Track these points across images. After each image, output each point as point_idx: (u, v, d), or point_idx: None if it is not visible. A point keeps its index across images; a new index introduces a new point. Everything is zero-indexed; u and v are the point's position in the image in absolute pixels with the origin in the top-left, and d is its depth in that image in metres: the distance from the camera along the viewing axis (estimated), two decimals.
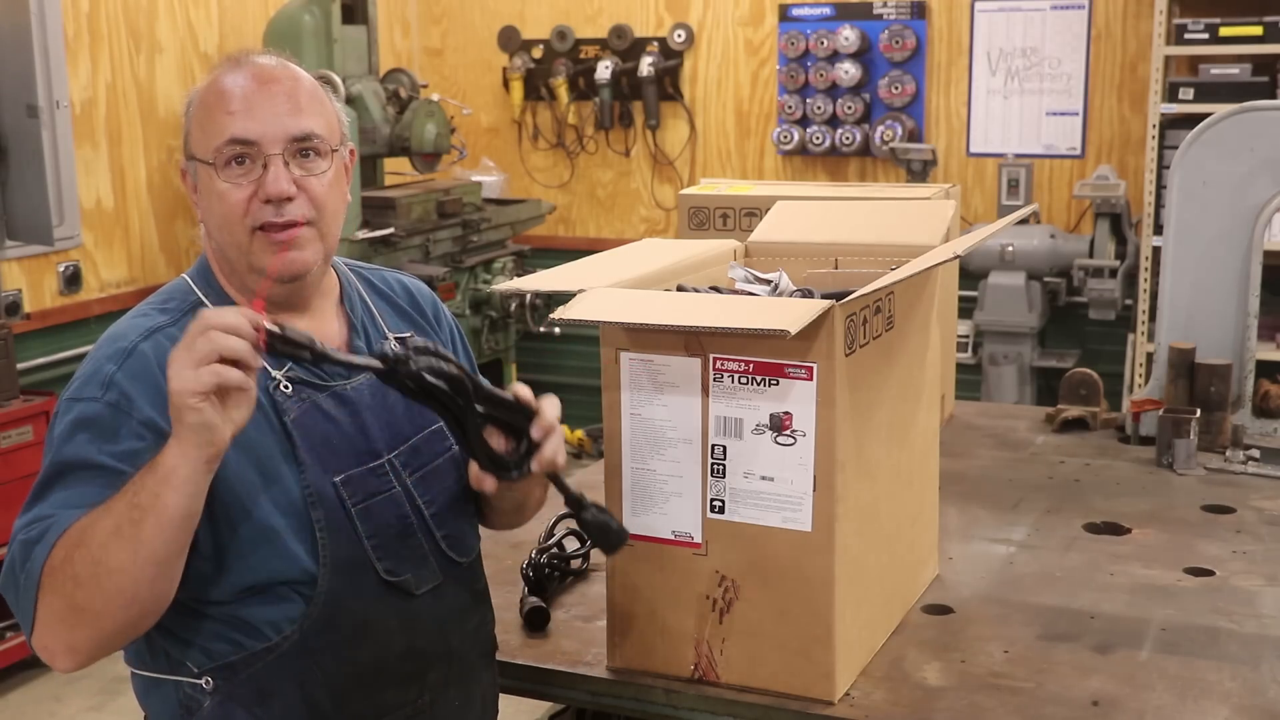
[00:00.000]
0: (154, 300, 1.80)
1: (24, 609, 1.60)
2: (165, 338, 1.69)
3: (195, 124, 1.75)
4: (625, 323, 1.81)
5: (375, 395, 1.80)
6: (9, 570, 1.62)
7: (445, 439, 1.84)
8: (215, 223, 1.75)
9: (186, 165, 1.78)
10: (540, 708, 2.44)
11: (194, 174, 1.76)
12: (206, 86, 1.76)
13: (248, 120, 1.71)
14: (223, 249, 1.77)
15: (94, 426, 1.65)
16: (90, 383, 1.68)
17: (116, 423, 1.64)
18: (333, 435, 1.74)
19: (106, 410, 1.65)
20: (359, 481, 1.75)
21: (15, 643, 4.31)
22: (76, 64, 4.93)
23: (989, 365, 5.62)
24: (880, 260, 2.13)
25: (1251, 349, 3.01)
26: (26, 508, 1.64)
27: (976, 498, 2.66)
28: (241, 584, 1.68)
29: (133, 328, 1.73)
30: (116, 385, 1.66)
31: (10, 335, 4.36)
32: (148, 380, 1.66)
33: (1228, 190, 2.96)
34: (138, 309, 1.79)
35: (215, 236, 1.77)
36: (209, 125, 1.72)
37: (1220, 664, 1.96)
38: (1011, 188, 5.68)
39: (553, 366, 6.69)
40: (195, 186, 1.77)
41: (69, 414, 1.67)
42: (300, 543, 1.68)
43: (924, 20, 5.91)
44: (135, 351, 1.68)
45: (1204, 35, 5.09)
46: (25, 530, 1.61)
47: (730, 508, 1.83)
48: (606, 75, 6.35)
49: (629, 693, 1.92)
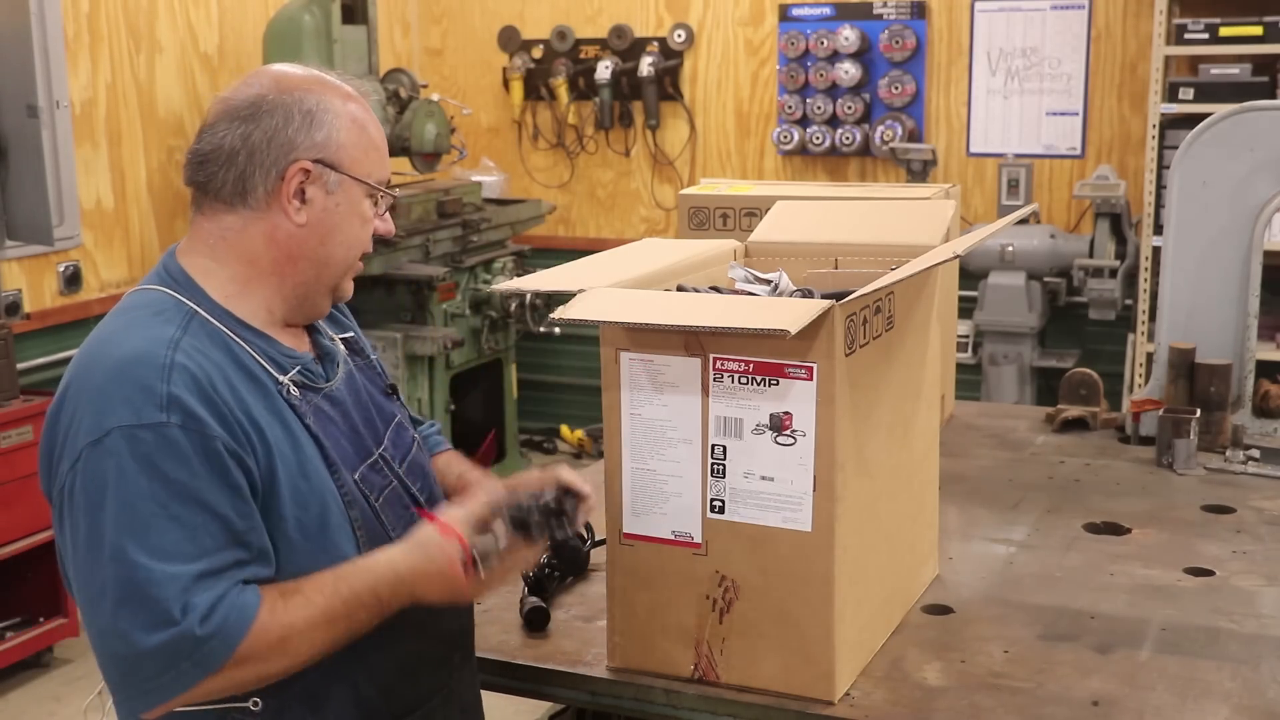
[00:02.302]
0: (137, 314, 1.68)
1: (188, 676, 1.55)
2: (191, 350, 1.62)
3: (353, 143, 1.73)
4: (625, 323, 1.81)
5: (353, 394, 1.82)
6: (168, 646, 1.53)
7: (405, 429, 1.89)
8: (343, 240, 1.75)
9: (315, 168, 1.70)
10: (540, 708, 2.44)
11: (329, 183, 1.71)
12: (362, 110, 1.77)
13: None
14: (328, 263, 1.74)
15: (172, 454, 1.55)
16: (142, 407, 1.56)
17: (196, 444, 1.57)
18: (339, 435, 1.75)
19: (180, 434, 1.56)
20: (369, 478, 1.77)
21: (15, 643, 4.32)
22: (76, 64, 4.93)
23: (989, 365, 5.62)
24: (880, 260, 2.13)
25: (1251, 349, 3.01)
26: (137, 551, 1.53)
27: (976, 498, 2.66)
28: None
29: (149, 340, 1.62)
30: (179, 404, 1.57)
31: (10, 335, 4.36)
32: (201, 396, 1.59)
33: (1228, 190, 2.96)
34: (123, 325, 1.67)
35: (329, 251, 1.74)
36: (374, 155, 1.76)
37: (1220, 664, 1.96)
38: (1011, 188, 5.68)
39: (553, 366, 6.70)
40: (312, 195, 1.71)
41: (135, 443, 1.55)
42: (348, 544, 1.69)
43: (924, 20, 5.91)
44: (176, 365, 1.59)
45: (1204, 35, 5.09)
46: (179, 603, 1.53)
47: (730, 508, 1.83)
48: (606, 75, 6.35)
49: (629, 693, 1.92)
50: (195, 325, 1.66)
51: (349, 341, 1.89)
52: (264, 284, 1.73)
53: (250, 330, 1.71)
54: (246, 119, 1.69)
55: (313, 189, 1.71)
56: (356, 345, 1.91)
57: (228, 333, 1.68)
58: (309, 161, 1.70)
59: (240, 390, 1.64)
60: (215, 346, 1.66)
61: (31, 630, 4.39)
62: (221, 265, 1.73)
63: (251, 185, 1.70)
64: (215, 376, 1.62)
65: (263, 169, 1.69)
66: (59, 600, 4.47)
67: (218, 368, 1.63)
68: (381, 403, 1.87)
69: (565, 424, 6.70)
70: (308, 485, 1.67)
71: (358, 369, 1.87)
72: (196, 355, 1.62)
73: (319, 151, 1.70)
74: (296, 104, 1.70)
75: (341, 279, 1.78)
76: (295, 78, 1.73)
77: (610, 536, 1.91)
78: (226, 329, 1.68)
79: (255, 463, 1.62)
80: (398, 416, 1.88)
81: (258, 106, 1.69)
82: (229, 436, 1.59)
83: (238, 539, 1.59)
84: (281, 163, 1.69)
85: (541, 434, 6.77)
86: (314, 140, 1.70)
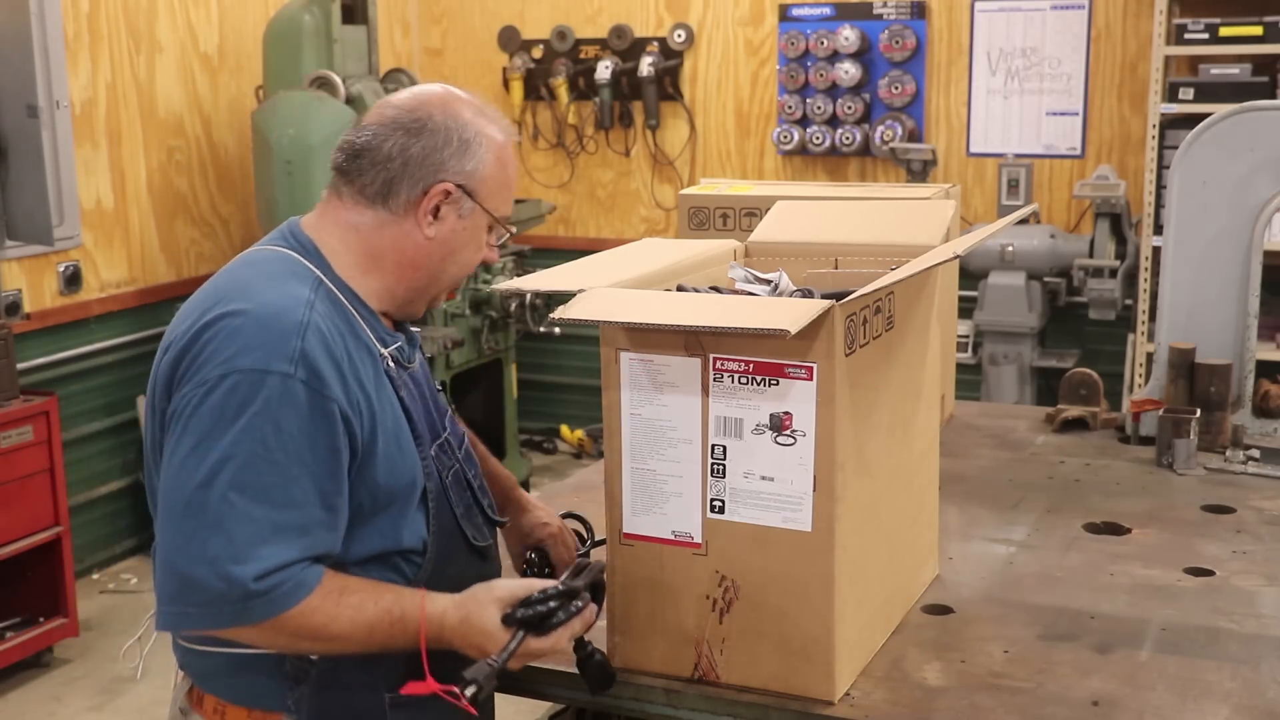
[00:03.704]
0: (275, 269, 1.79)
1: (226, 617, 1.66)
2: (321, 313, 1.74)
3: (492, 178, 1.85)
4: (625, 323, 1.81)
5: (426, 379, 1.98)
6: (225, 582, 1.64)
7: (458, 424, 2.04)
8: (461, 261, 1.88)
9: (456, 192, 1.82)
10: (540, 708, 2.43)
11: (463, 209, 1.84)
12: (506, 149, 1.88)
13: None
14: (441, 278, 1.88)
15: (291, 405, 1.66)
16: (275, 355, 1.67)
17: (313, 402, 1.68)
18: (419, 412, 1.87)
19: (302, 389, 1.67)
20: (440, 457, 1.90)
21: (15, 643, 4.32)
22: (76, 64, 4.93)
23: (989, 365, 5.62)
24: (880, 260, 2.13)
25: (1251, 349, 3.01)
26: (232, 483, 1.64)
27: (976, 498, 2.66)
28: (367, 552, 1.78)
29: (289, 297, 1.73)
30: (309, 361, 1.68)
31: (10, 335, 4.36)
32: (328, 358, 1.71)
33: (1228, 190, 2.96)
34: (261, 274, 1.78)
35: (445, 267, 1.87)
36: (505, 193, 1.89)
37: (1220, 664, 1.96)
38: (1011, 188, 5.68)
39: (553, 366, 6.70)
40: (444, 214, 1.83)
41: (259, 386, 1.66)
42: (421, 513, 1.83)
43: (924, 20, 5.91)
44: (311, 325, 1.71)
45: (1204, 35, 5.09)
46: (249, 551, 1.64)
47: (730, 508, 1.83)
48: (606, 75, 6.35)
49: (629, 693, 1.92)
50: (323, 291, 1.78)
51: (411, 338, 2.01)
52: (381, 278, 1.85)
53: (364, 305, 1.83)
54: (410, 131, 1.82)
55: (447, 209, 1.84)
56: (416, 340, 2.03)
57: (346, 303, 1.80)
58: (452, 185, 1.83)
59: (355, 358, 1.76)
60: (338, 313, 1.78)
61: (31, 630, 4.39)
62: (348, 251, 1.84)
63: (396, 191, 1.82)
64: (339, 341, 1.75)
65: (410, 180, 1.81)
66: (59, 600, 4.48)
67: (340, 334, 1.76)
68: (438, 396, 2.01)
69: (565, 424, 6.71)
70: (400, 454, 1.80)
71: (423, 363, 2.02)
72: (324, 319, 1.74)
73: (464, 178, 1.83)
74: (458, 130, 1.83)
75: (444, 292, 1.93)
76: (463, 103, 1.87)
77: (610, 536, 1.91)
78: (345, 300, 1.81)
79: (361, 427, 1.73)
80: (450, 409, 2.03)
81: (423, 123, 1.82)
82: (345, 400, 1.71)
83: (325, 501, 1.70)
84: (429, 179, 1.82)
85: (541, 434, 6.77)
86: (463, 167, 1.83)
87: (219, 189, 5.66)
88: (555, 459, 6.67)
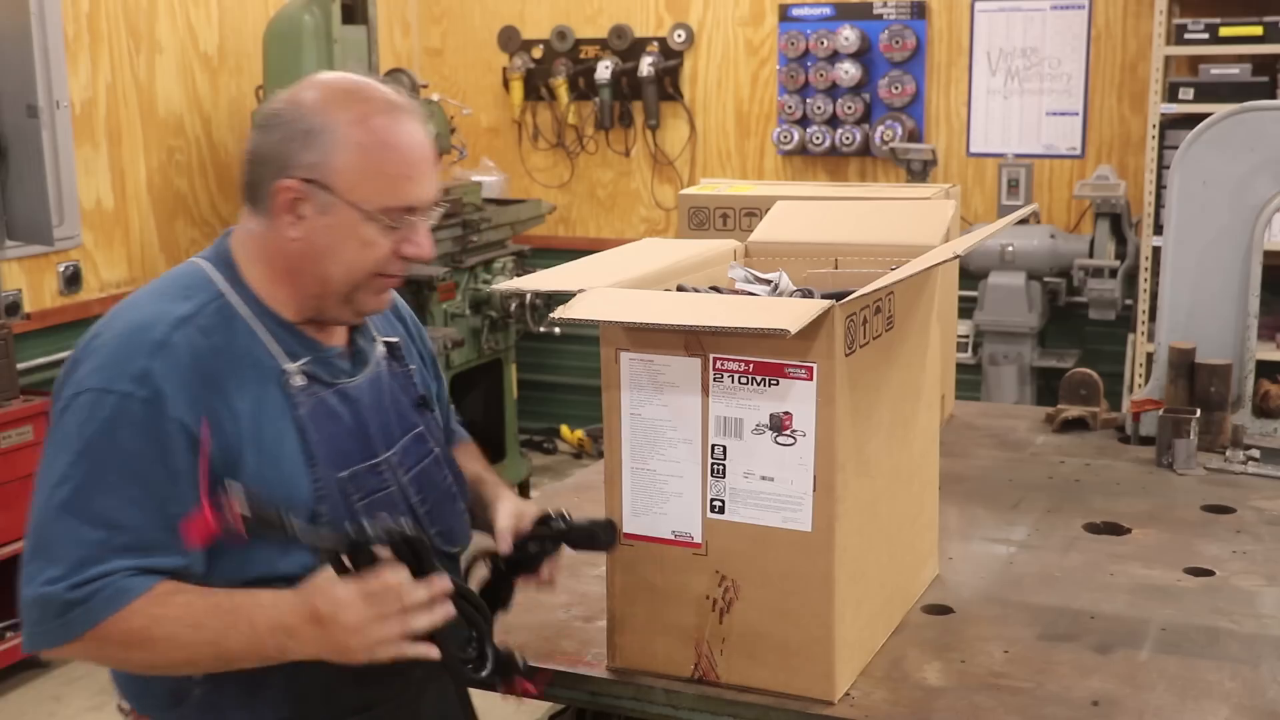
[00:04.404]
0: (171, 286, 1.77)
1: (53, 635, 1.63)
2: (196, 330, 1.69)
3: (350, 166, 1.70)
4: (625, 322, 1.81)
5: (373, 395, 1.85)
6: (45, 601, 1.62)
7: (426, 442, 1.92)
8: (339, 260, 1.74)
9: (303, 188, 1.71)
10: (540, 708, 2.43)
11: (320, 205, 1.72)
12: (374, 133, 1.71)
13: (421, 189, 1.76)
14: (327, 280, 1.75)
15: (129, 424, 1.63)
16: (120, 374, 1.65)
17: (152, 422, 1.64)
18: (338, 432, 1.78)
19: (141, 407, 1.64)
20: (362, 479, 1.79)
21: (15, 643, 4.31)
22: (76, 64, 4.93)
23: (989, 365, 5.62)
24: (880, 260, 2.13)
25: (1251, 349, 3.01)
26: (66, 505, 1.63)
27: (976, 498, 2.66)
28: (243, 576, 1.69)
29: (159, 315, 1.70)
30: (151, 380, 1.65)
31: (10, 335, 4.36)
32: (180, 377, 1.66)
33: (1228, 190, 2.96)
34: (154, 291, 1.77)
35: (325, 268, 1.74)
36: (380, 182, 1.71)
37: (1220, 664, 1.96)
38: (1011, 188, 5.68)
39: (553, 366, 6.70)
40: (304, 212, 1.72)
41: (99, 406, 1.64)
42: None
43: (924, 20, 5.91)
44: (168, 344, 1.67)
45: (1204, 35, 5.09)
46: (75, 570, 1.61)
47: (730, 508, 1.83)
48: (606, 75, 6.35)
49: (629, 693, 1.92)
50: (214, 307, 1.73)
51: (392, 347, 1.93)
52: (282, 285, 1.78)
53: (273, 319, 1.77)
54: (262, 127, 1.76)
55: (307, 207, 1.72)
56: (399, 352, 1.94)
57: (248, 317, 1.74)
58: (298, 181, 1.71)
59: (230, 374, 1.70)
60: (226, 329, 1.72)
61: None
62: (251, 261, 1.80)
63: (258, 194, 1.76)
64: (207, 358, 1.68)
65: (265, 180, 1.74)
66: None
67: (215, 350, 1.70)
68: (407, 412, 1.91)
69: (565, 424, 6.70)
70: (279, 476, 1.70)
71: (392, 374, 1.92)
72: (198, 336, 1.69)
73: (310, 172, 1.71)
74: (300, 121, 1.72)
75: (353, 294, 1.78)
76: (315, 93, 1.74)
77: None
78: (250, 313, 1.75)
79: (220, 446, 1.66)
80: (420, 428, 1.92)
81: (270, 118, 1.75)
82: (192, 418, 1.65)
83: (168, 522, 1.63)
84: (274, 177, 1.73)
85: (541, 434, 6.77)
86: (306, 160, 1.71)
87: (219, 189, 5.66)
88: (555, 459, 6.66)
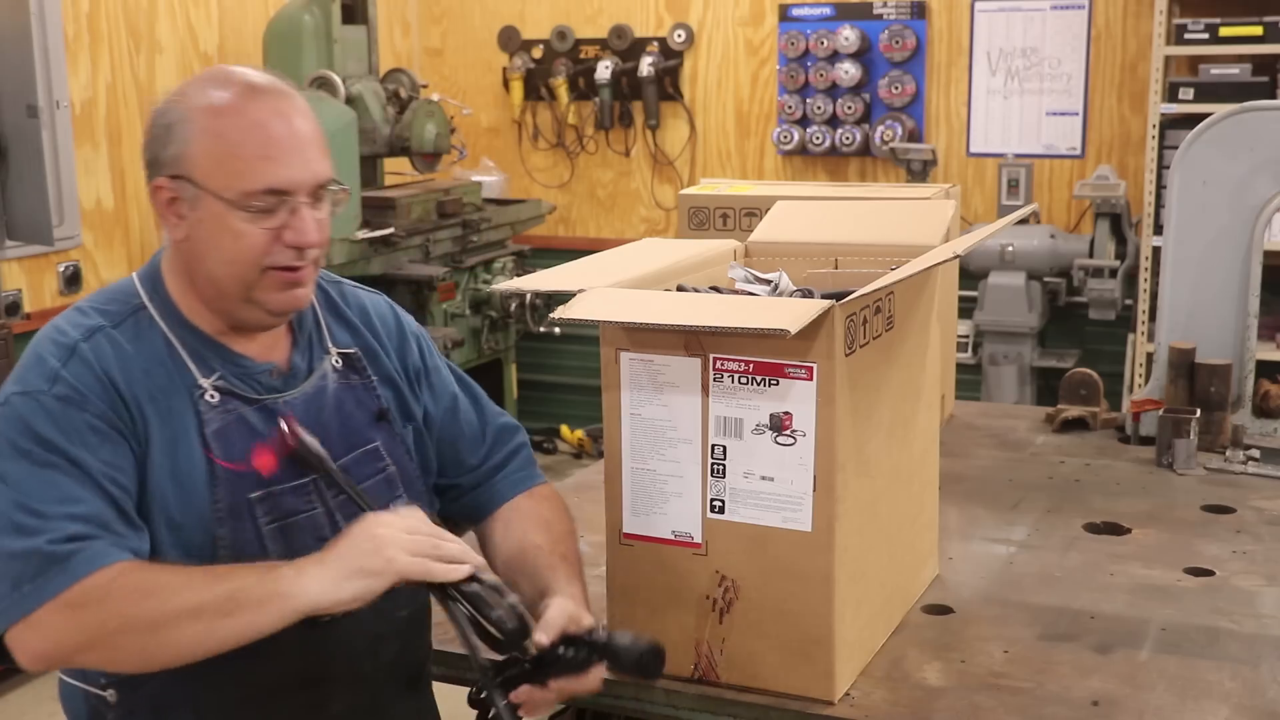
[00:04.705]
0: (97, 299, 1.76)
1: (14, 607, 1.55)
2: (105, 339, 1.68)
3: (205, 154, 1.65)
4: (625, 322, 1.81)
5: (310, 411, 1.78)
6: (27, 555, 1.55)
7: (380, 459, 1.83)
8: (218, 257, 1.68)
9: (172, 185, 1.67)
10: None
11: (190, 200, 1.67)
12: (226, 115, 1.65)
13: (286, 169, 1.66)
14: (215, 280, 1.70)
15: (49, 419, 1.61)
16: (36, 376, 1.65)
17: (71, 413, 1.62)
18: (262, 450, 1.71)
19: (58, 404, 1.62)
20: (277, 500, 1.71)
21: None
22: (76, 64, 4.93)
23: (989, 365, 5.62)
24: (880, 260, 2.13)
25: (1251, 349, 3.01)
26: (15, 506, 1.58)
27: (976, 498, 2.66)
28: None
29: (74, 325, 1.70)
30: (64, 380, 1.64)
31: (10, 335, 4.36)
32: (90, 380, 1.65)
33: (1228, 190, 2.96)
34: (79, 304, 1.75)
35: (209, 268, 1.70)
36: (236, 165, 1.64)
37: (1220, 664, 1.96)
38: (1011, 188, 5.68)
39: (553, 366, 6.70)
40: (182, 211, 1.68)
41: (22, 408, 1.63)
42: (204, 560, 1.63)
43: (924, 20, 5.91)
44: (77, 350, 1.66)
45: (1204, 35, 5.09)
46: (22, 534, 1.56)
47: (730, 508, 1.83)
48: (606, 75, 6.35)
49: (629, 693, 1.92)
50: (131, 322, 1.71)
51: (349, 358, 1.85)
52: (193, 294, 1.75)
53: (191, 332, 1.73)
54: (145, 131, 1.73)
55: (183, 205, 1.68)
56: (356, 363, 1.86)
57: (167, 332, 1.72)
58: (166, 179, 1.68)
59: (142, 388, 1.67)
60: (140, 342, 1.69)
61: None
62: (171, 273, 1.77)
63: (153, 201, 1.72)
64: (116, 370, 1.66)
65: (149, 184, 1.72)
66: None
67: (125, 364, 1.67)
68: (359, 427, 1.82)
69: (565, 424, 6.70)
70: (178, 490, 1.66)
71: (348, 388, 1.84)
72: (108, 348, 1.67)
73: (174, 167, 1.67)
74: (162, 117, 1.69)
75: (250, 293, 1.70)
76: (181, 86, 1.72)
77: (610, 536, 1.91)
78: (167, 328, 1.72)
79: (132, 449, 1.64)
80: (376, 443, 1.83)
81: (149, 120, 1.73)
82: (113, 414, 1.63)
83: (116, 503, 1.60)
84: (151, 178, 1.70)
85: (541, 434, 6.77)
86: (169, 155, 1.67)
87: None
88: (555, 459, 6.66)
